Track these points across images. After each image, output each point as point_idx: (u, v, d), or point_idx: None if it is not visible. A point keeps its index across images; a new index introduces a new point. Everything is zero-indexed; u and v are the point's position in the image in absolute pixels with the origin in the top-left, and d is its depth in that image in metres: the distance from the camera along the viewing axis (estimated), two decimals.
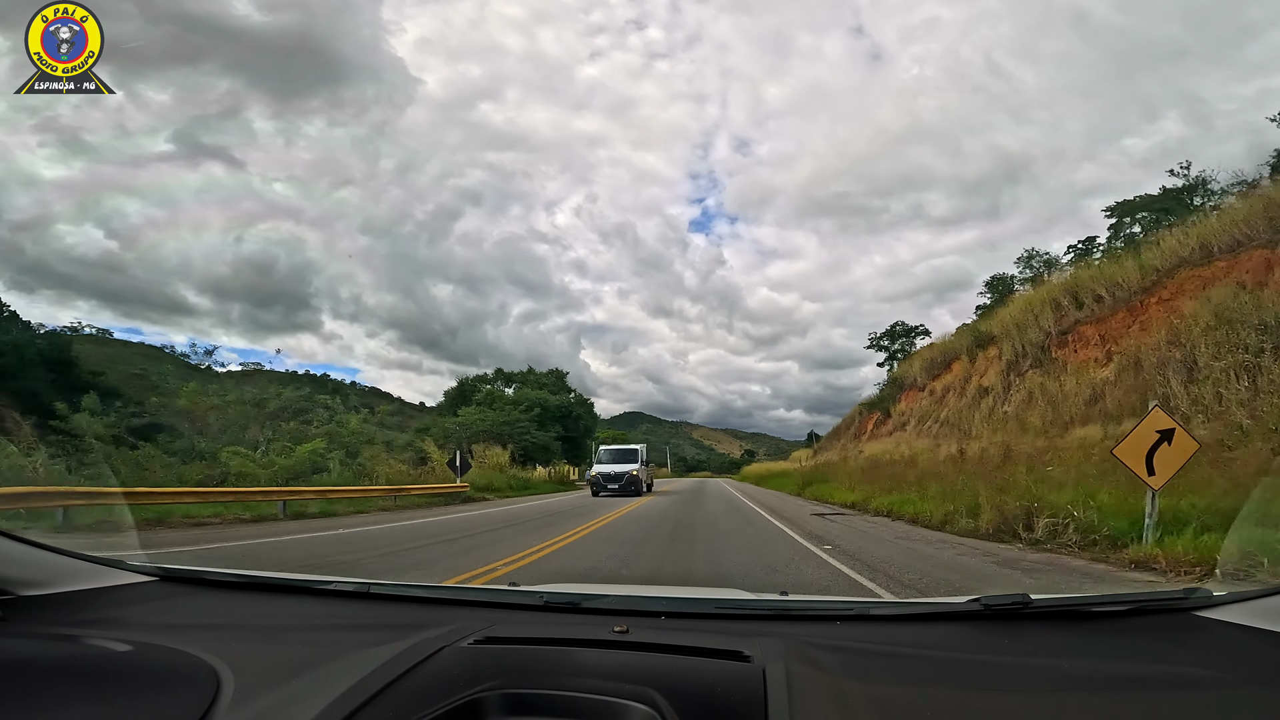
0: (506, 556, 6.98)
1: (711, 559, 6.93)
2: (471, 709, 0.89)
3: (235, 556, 7.23)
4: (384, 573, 5.97)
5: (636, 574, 6.01)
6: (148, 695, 0.94)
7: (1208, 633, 1.17)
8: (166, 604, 1.47)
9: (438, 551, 7.75)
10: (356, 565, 6.51)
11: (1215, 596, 1.23)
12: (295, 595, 1.66)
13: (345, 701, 0.87)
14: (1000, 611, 1.26)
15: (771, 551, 7.55)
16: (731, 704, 0.89)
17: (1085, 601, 1.32)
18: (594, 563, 6.66)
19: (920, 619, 1.38)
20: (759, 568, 6.32)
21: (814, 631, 1.26)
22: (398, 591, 1.61)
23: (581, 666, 1.07)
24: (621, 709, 0.87)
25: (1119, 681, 1.00)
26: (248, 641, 1.21)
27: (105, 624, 1.24)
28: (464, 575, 5.80)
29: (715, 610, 1.44)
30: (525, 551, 7.48)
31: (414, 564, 6.68)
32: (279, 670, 0.99)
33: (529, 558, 6.98)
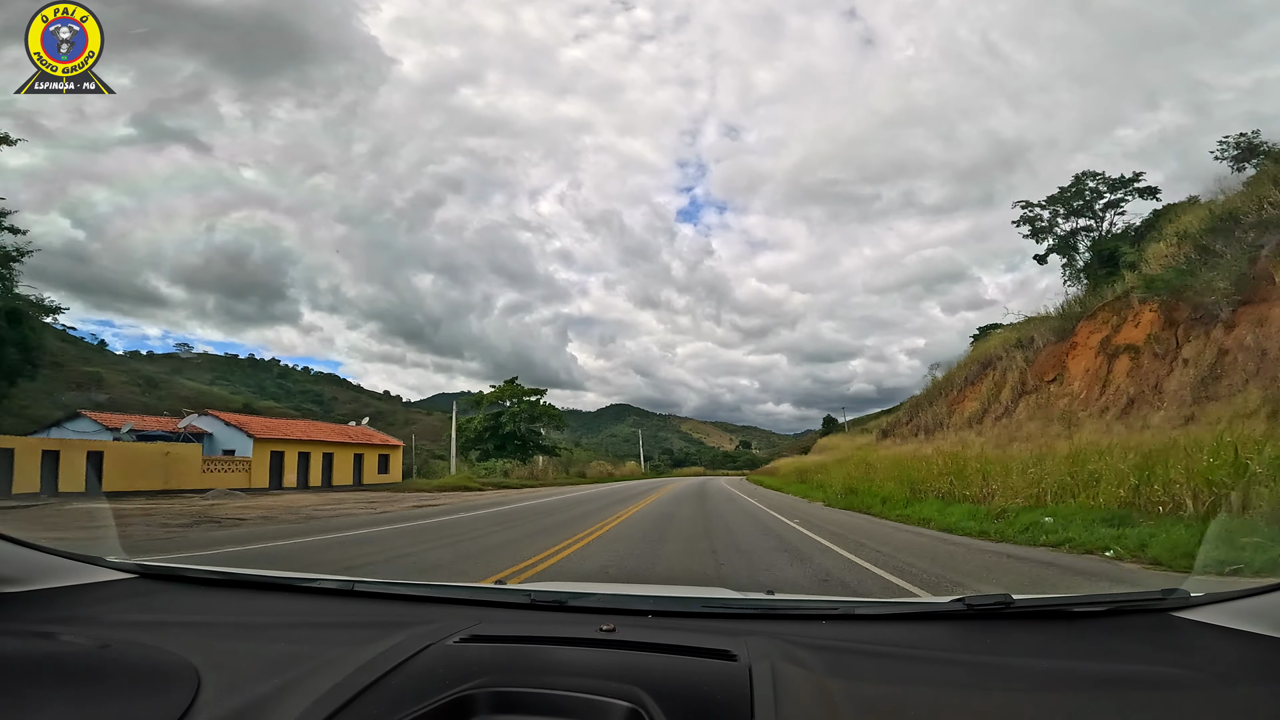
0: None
1: None
2: (458, 707, 0.89)
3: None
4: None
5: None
6: (126, 693, 0.93)
7: (1184, 633, 1.19)
8: (145, 601, 1.46)
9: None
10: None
11: (1192, 598, 1.25)
12: (277, 593, 1.65)
13: (328, 700, 0.86)
14: (983, 611, 1.28)
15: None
16: (718, 703, 0.90)
17: (1066, 602, 1.34)
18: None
19: (904, 618, 1.40)
20: None
21: (800, 631, 1.27)
22: (382, 589, 1.60)
23: (568, 665, 1.07)
24: (608, 707, 0.87)
25: (1097, 681, 1.02)
26: (228, 639, 1.20)
27: (83, 621, 1.23)
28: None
29: (702, 609, 1.45)
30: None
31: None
32: (260, 669, 0.99)
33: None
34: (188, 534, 10.02)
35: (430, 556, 7.15)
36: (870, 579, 5.60)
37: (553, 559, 6.68)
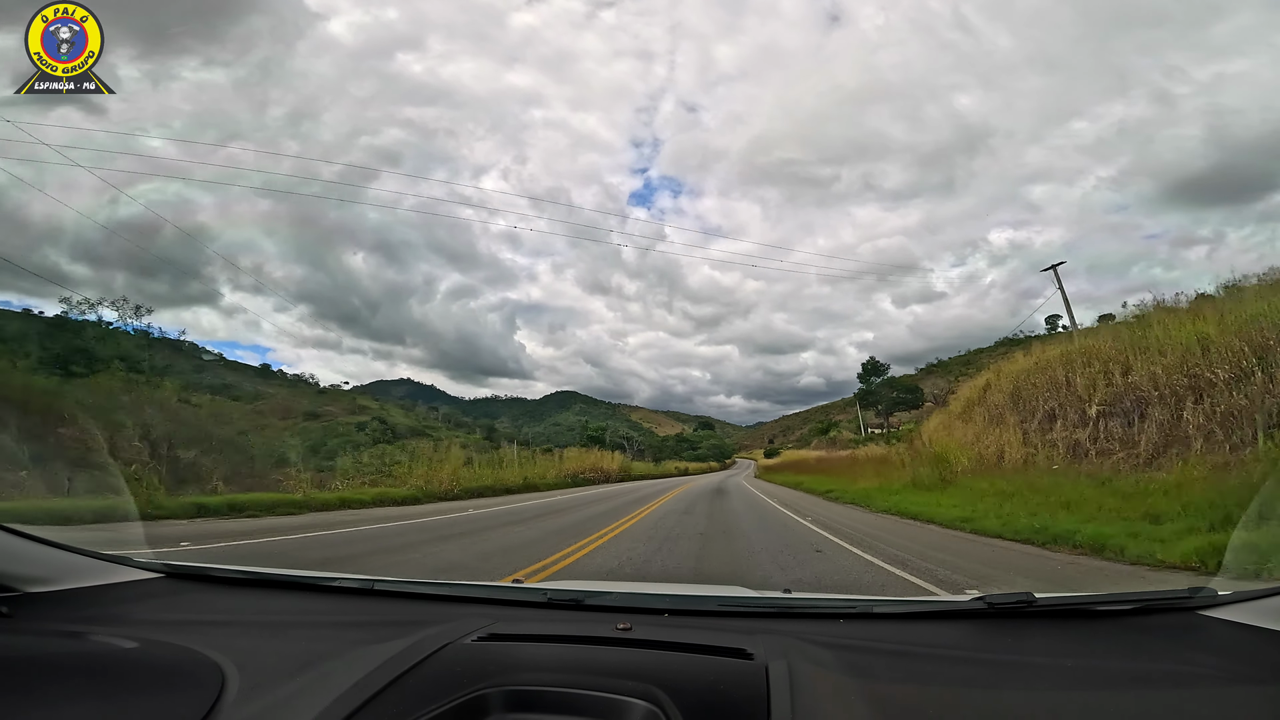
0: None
1: None
2: (475, 706, 0.89)
3: None
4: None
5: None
6: (153, 692, 0.94)
7: (1211, 632, 1.17)
8: (171, 601, 1.48)
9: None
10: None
11: (1220, 596, 1.23)
12: (299, 592, 1.66)
13: (349, 698, 0.87)
14: (1004, 610, 1.26)
15: None
16: (734, 701, 0.89)
17: (1089, 600, 1.32)
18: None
19: (923, 617, 1.38)
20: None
21: (817, 630, 1.26)
22: (401, 588, 1.61)
23: (585, 664, 1.07)
24: (625, 706, 0.87)
25: (1122, 680, 1.00)
26: (252, 638, 1.21)
27: (111, 621, 1.25)
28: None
29: (718, 608, 1.44)
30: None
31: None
32: (283, 667, 1.00)
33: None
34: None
35: None
36: None
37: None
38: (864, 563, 6.37)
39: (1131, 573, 5.46)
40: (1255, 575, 4.22)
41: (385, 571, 5.32)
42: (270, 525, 9.82)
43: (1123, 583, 5.02)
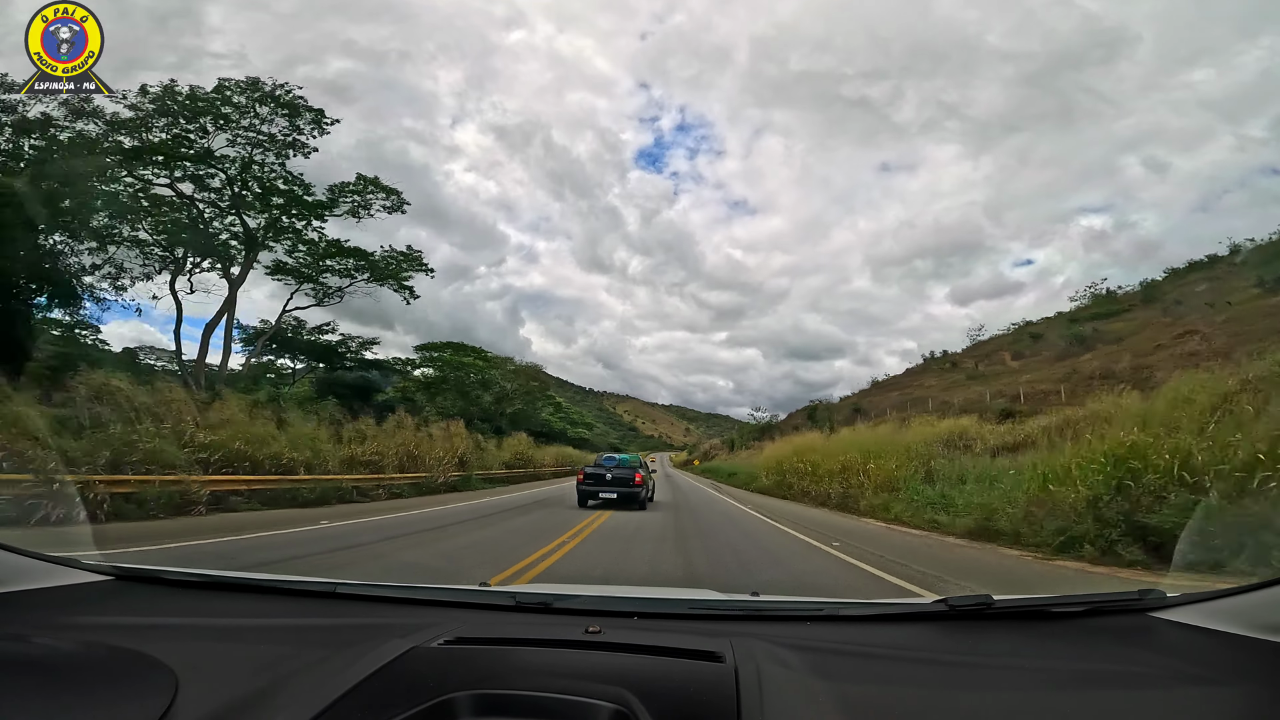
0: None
1: None
2: (442, 711, 0.88)
3: None
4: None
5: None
6: (103, 698, 0.90)
7: (1160, 633, 1.21)
8: (122, 604, 1.43)
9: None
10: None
11: (1168, 598, 1.27)
12: (259, 595, 1.62)
13: (309, 704, 0.85)
14: (964, 611, 1.30)
15: None
16: (705, 705, 0.90)
17: (1045, 602, 1.36)
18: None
19: (887, 619, 1.41)
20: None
21: (785, 632, 1.28)
22: (365, 591, 1.58)
23: (554, 667, 1.07)
24: (594, 709, 0.87)
25: (1075, 680, 1.04)
26: (207, 642, 1.17)
27: (58, 625, 1.20)
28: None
29: (688, 611, 1.46)
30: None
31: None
32: (239, 672, 0.98)
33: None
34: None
35: None
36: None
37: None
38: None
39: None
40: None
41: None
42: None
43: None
